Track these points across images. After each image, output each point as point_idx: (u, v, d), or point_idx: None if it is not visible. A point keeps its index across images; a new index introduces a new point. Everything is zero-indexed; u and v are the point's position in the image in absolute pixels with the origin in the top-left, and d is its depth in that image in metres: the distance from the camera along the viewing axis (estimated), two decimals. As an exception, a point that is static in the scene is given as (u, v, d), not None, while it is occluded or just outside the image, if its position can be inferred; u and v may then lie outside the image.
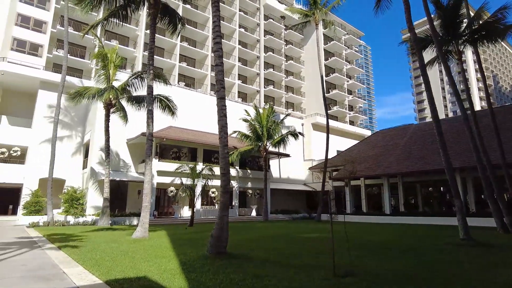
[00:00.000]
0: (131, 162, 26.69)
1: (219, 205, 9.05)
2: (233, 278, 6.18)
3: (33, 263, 7.80)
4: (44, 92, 27.89)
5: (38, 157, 26.34)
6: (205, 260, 8.00)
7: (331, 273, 6.46)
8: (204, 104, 31.99)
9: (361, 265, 7.42)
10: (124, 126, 24.09)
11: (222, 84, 9.17)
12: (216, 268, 7.03)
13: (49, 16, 32.07)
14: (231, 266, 7.35)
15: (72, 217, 21.38)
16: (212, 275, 6.39)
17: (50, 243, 11.56)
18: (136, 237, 12.68)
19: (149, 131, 13.86)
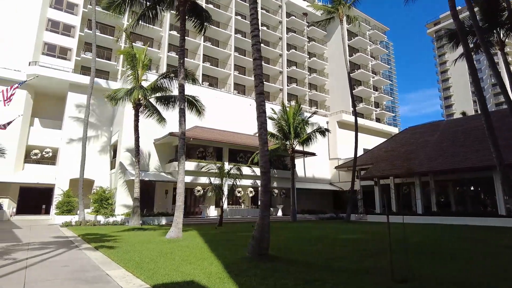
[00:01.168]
0: (158, 162, 26.79)
1: (259, 205, 8.66)
2: (284, 283, 5.79)
3: (75, 264, 7.66)
4: (73, 94, 28.45)
5: (68, 158, 26.89)
6: (249, 263, 7.63)
7: (386, 278, 5.96)
8: (228, 104, 31.82)
9: (414, 269, 6.83)
10: (150, 127, 24.24)
11: (261, 79, 8.78)
12: (263, 272, 6.65)
13: (77, 20, 32.73)
14: (277, 270, 6.94)
15: (102, 217, 21.60)
16: (261, 280, 6.02)
17: (86, 243, 11.54)
18: (170, 237, 12.51)
19: (182, 130, 13.68)
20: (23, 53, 28.49)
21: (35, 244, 11.25)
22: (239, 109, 32.31)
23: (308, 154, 31.78)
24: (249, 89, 43.04)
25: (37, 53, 29.92)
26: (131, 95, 18.66)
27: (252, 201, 31.02)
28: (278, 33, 46.50)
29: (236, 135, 30.35)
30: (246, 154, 29.49)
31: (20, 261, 7.89)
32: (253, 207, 30.37)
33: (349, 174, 35.66)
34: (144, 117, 21.50)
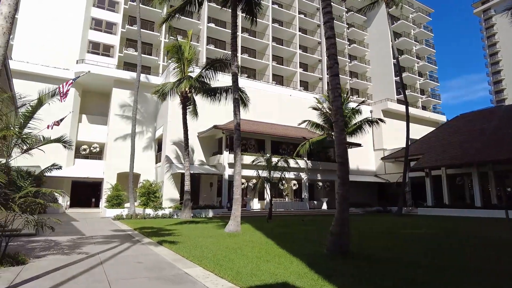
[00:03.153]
0: (202, 155, 26.71)
1: (337, 198, 7.93)
2: (387, 286, 5.08)
3: (147, 261, 7.35)
4: (117, 90, 28.94)
5: (114, 153, 27.47)
6: (333, 261, 6.96)
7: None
8: (268, 95, 31.07)
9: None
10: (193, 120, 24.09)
11: (335, 59, 7.99)
12: (356, 272, 5.97)
13: (119, 17, 33.23)
14: (370, 269, 6.24)
15: (151, 210, 21.78)
16: (360, 281, 5.35)
17: (146, 237, 11.37)
18: (229, 231, 12.11)
19: (237, 121, 13.19)
20: (71, 52, 29.33)
21: (97, 237, 11.25)
22: (278, 100, 31.49)
23: (354, 145, 30.42)
24: (287, 79, 42.06)
25: (83, 52, 30.72)
26: (179, 86, 18.37)
27: (295, 194, 30.29)
28: (316, 20, 44.95)
29: (277, 126, 29.64)
30: (289, 146, 28.74)
31: (93, 255, 7.72)
32: (296, 200, 29.64)
33: (396, 166, 33.93)
34: (189, 110, 21.27)
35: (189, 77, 18.77)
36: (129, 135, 27.03)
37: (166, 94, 20.64)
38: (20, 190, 6.96)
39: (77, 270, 6.21)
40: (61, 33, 29.36)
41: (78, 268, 6.34)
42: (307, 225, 15.80)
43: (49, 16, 29.10)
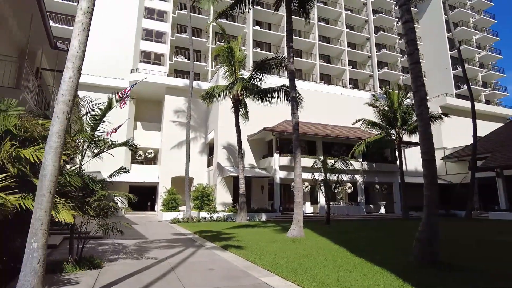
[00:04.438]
0: (253, 158, 26.46)
1: (424, 201, 7.02)
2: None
3: (217, 267, 6.99)
4: (169, 97, 29.73)
5: (168, 158, 28.17)
6: (428, 272, 6.10)
7: None
8: (316, 95, 30.07)
9: None
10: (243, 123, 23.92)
11: (415, 45, 7.15)
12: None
13: (168, 26, 34.29)
14: (474, 283, 5.30)
15: (206, 213, 21.84)
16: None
17: (208, 241, 11.13)
18: (292, 236, 11.53)
19: (296, 121, 12.63)
20: (125, 63, 30.70)
21: (161, 241, 11.23)
22: (327, 100, 30.37)
23: (413, 144, 28.39)
24: (336, 78, 40.74)
25: (136, 61, 32.05)
26: (233, 89, 18.22)
27: (349, 198, 28.91)
28: (363, 15, 43.19)
29: (328, 127, 28.57)
30: (341, 147, 27.53)
31: (162, 261, 7.54)
32: (352, 203, 28.24)
33: (458, 166, 31.20)
34: (240, 113, 21.10)
35: (242, 79, 18.57)
36: (182, 141, 27.64)
37: (214, 97, 20.66)
38: (92, 193, 6.97)
39: (151, 276, 5.99)
40: (116, 45, 30.87)
41: (152, 274, 6.12)
42: (376, 231, 14.72)
43: (105, 29, 30.73)
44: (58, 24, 29.39)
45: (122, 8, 31.32)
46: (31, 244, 3.46)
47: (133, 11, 32.36)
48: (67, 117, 3.84)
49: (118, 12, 31.65)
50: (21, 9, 9.96)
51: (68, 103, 3.85)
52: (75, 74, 3.91)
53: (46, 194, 3.62)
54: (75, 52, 3.94)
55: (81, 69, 4.00)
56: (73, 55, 3.93)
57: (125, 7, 31.80)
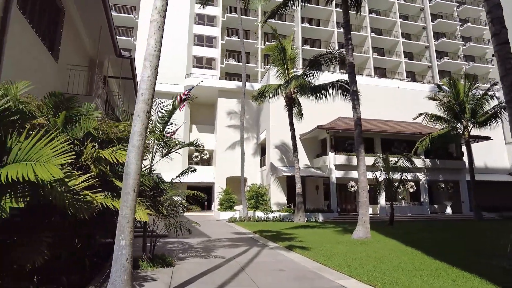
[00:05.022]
0: (306, 157, 25.94)
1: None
2: None
3: (287, 268, 6.78)
4: (222, 100, 30.31)
5: (223, 159, 28.70)
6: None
7: None
8: (371, 89, 28.62)
9: None
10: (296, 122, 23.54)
11: (501, 24, 6.34)
12: None
13: (218, 31, 35.04)
14: None
15: (262, 213, 21.82)
16: None
17: (270, 241, 10.97)
18: (358, 237, 10.97)
19: (357, 116, 12.07)
20: (179, 68, 31.90)
21: (223, 240, 11.33)
22: (384, 94, 28.79)
23: (481, 138, 25.89)
24: (391, 71, 38.66)
25: (189, 67, 33.19)
26: (288, 87, 17.95)
27: (411, 197, 27.13)
28: (417, 3, 40.59)
29: (385, 123, 27.05)
30: (401, 144, 25.99)
31: (230, 260, 7.51)
32: (414, 203, 26.48)
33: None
34: (294, 112, 20.77)
35: (297, 77, 18.22)
36: (235, 142, 28.03)
37: (265, 96, 20.56)
38: (161, 193, 7.15)
39: (223, 276, 5.94)
40: (170, 52, 32.16)
41: (223, 274, 6.08)
42: (446, 232, 13.57)
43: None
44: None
45: (175, 16, 32.54)
46: (120, 241, 3.52)
47: (185, 18, 33.54)
48: (147, 115, 3.88)
49: (171, 21, 32.95)
50: (92, 21, 10.65)
51: (148, 101, 3.88)
52: (153, 73, 3.94)
53: (130, 192, 3.67)
54: (152, 51, 3.98)
55: (158, 68, 4.02)
56: (150, 54, 3.96)
57: (177, 15, 33.04)
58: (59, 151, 3.74)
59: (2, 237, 4.10)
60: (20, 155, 3.68)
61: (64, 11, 9.55)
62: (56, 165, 3.59)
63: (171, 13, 33.03)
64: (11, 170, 3.37)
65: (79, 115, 5.75)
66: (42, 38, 8.16)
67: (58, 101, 5.55)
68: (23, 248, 4.03)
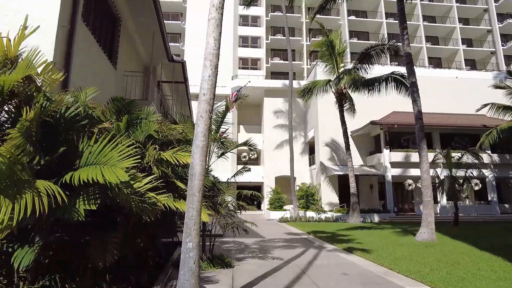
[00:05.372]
0: (358, 155, 24.95)
1: None
2: None
3: (350, 272, 6.41)
4: (268, 99, 30.25)
5: (270, 158, 28.62)
6: None
7: None
8: (426, 81, 26.69)
9: None
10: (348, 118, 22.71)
11: None
12: None
13: (262, 31, 35.07)
14: None
15: (313, 213, 21.35)
16: None
17: (327, 243, 10.59)
18: (422, 239, 10.22)
19: (418, 109, 11.23)
20: (226, 70, 32.35)
21: (278, 241, 11.18)
22: (440, 85, 26.73)
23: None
24: (447, 60, 36.01)
25: (235, 68, 33.59)
26: (340, 82, 17.33)
27: (476, 196, 24.92)
28: (477, -16, 37.37)
29: (444, 116, 25.14)
30: (463, 138, 24.00)
31: (288, 262, 7.30)
32: (480, 203, 24.30)
33: None
34: (346, 107, 20.05)
35: (349, 71, 17.51)
36: (283, 141, 27.83)
37: (313, 93, 20.00)
38: (218, 193, 7.15)
39: (284, 279, 5.75)
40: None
41: (285, 277, 5.89)
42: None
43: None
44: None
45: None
46: (187, 243, 3.47)
47: (229, 21, 33.95)
48: (210, 116, 3.81)
49: (216, 24, 33.64)
50: (145, 28, 11.06)
51: (210, 101, 3.82)
52: (214, 72, 3.87)
53: (196, 194, 3.62)
54: (212, 49, 3.91)
55: (217, 67, 3.94)
56: (210, 53, 3.89)
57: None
58: (125, 154, 3.79)
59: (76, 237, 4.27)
60: (90, 158, 3.79)
61: (121, 20, 10.01)
62: (122, 168, 3.64)
63: (216, 16, 33.72)
64: (83, 173, 3.46)
65: (140, 118, 5.90)
66: (103, 47, 8.60)
67: (120, 106, 5.74)
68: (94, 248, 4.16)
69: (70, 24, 6.38)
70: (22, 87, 3.81)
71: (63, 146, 3.76)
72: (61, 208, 3.35)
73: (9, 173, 2.97)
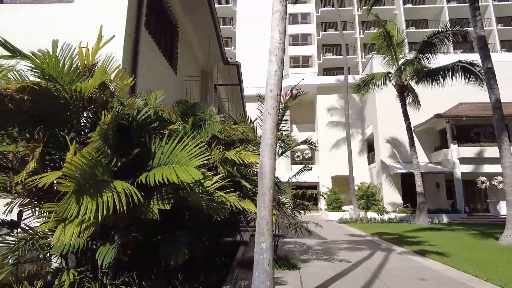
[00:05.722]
0: (422, 151, 23.25)
1: None
2: None
3: (427, 277, 5.89)
4: (321, 97, 29.54)
5: (326, 157, 27.87)
6: None
7: None
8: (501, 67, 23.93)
9: None
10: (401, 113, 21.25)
11: None
12: None
13: (312, 27, 34.43)
14: None
15: (375, 214, 20.32)
16: None
17: (395, 245, 9.93)
18: (508, 243, 9.14)
19: (495, 97, 10.12)
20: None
21: (340, 242, 10.78)
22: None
23: None
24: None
25: (286, 67, 33.32)
26: (403, 73, 16.26)
27: None
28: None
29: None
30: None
31: (356, 264, 6.93)
32: None
33: None
34: (409, 100, 18.81)
35: (411, 61, 16.34)
36: (338, 139, 27.01)
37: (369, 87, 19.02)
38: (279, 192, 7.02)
39: (355, 283, 5.43)
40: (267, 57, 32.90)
41: (355, 281, 5.56)
42: None
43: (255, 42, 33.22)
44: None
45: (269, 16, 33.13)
46: (260, 244, 3.38)
47: (279, 20, 33.83)
48: (277, 112, 3.69)
49: (265, 27, 33.69)
50: (201, 33, 11.35)
51: (277, 97, 3.69)
52: (280, 67, 3.74)
53: (267, 193, 3.52)
54: (277, 43, 3.78)
55: (283, 61, 3.80)
56: (276, 47, 3.77)
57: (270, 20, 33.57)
58: (194, 154, 3.81)
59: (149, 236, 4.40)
60: (162, 159, 3.86)
61: (178, 27, 10.36)
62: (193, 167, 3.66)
63: (264, 18, 33.75)
64: (157, 173, 3.52)
65: (203, 120, 5.99)
66: (164, 53, 8.95)
67: (185, 108, 5.87)
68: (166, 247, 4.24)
69: (135, 33, 6.70)
70: (99, 93, 4.02)
71: (137, 147, 3.88)
72: (137, 207, 3.44)
73: (91, 174, 3.11)
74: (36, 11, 6.46)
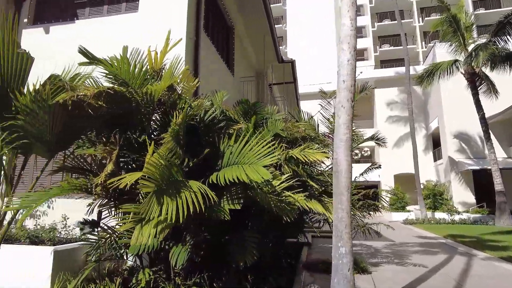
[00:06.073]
0: (498, 145, 20.95)
1: None
2: None
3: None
4: (379, 91, 28.07)
5: (386, 154, 26.35)
6: None
7: None
8: None
9: None
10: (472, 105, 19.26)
11: None
12: None
13: (367, 19, 32.92)
14: None
15: (445, 214, 18.74)
16: None
17: (475, 249, 8.96)
18: None
19: None
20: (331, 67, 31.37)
21: (410, 245, 10.10)
22: None
23: None
24: None
25: (340, 62, 32.28)
26: (476, 59, 14.72)
27: None
28: None
29: None
30: None
31: (434, 270, 6.33)
32: None
33: None
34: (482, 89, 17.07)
35: (485, 46, 14.73)
36: (400, 135, 25.51)
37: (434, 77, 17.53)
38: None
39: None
40: (319, 52, 32.14)
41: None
42: None
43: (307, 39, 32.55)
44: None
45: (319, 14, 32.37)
46: (339, 248, 3.14)
47: (330, 14, 32.91)
48: (351, 104, 3.42)
49: (315, 23, 32.95)
50: (255, 33, 11.31)
51: (351, 88, 3.43)
52: (353, 55, 3.46)
53: (344, 192, 3.27)
54: (348, 30, 3.51)
55: (356, 49, 3.52)
56: (347, 35, 3.50)
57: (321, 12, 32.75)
58: (262, 153, 3.70)
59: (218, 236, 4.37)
60: (231, 158, 3.80)
61: (234, 28, 10.42)
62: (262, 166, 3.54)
63: (314, 16, 33.01)
64: (228, 173, 3.46)
65: (265, 118, 5.88)
66: (221, 55, 9.04)
67: (246, 108, 5.81)
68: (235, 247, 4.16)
69: (195, 36, 6.81)
70: (167, 95, 4.08)
71: (206, 148, 3.86)
72: (210, 207, 3.41)
73: (168, 175, 3.12)
74: (106, 23, 6.88)
